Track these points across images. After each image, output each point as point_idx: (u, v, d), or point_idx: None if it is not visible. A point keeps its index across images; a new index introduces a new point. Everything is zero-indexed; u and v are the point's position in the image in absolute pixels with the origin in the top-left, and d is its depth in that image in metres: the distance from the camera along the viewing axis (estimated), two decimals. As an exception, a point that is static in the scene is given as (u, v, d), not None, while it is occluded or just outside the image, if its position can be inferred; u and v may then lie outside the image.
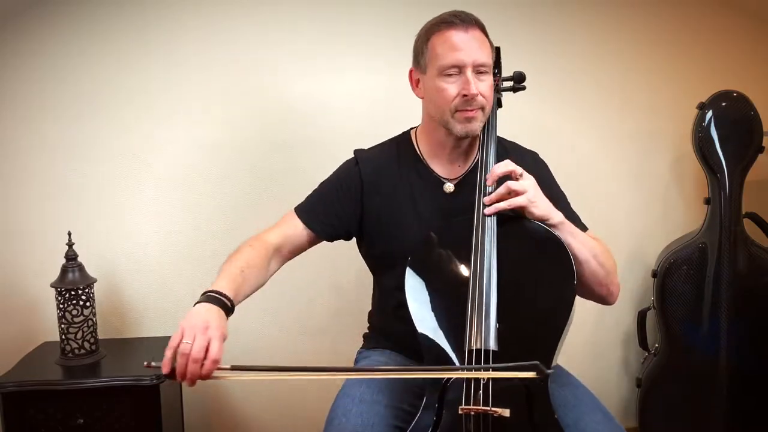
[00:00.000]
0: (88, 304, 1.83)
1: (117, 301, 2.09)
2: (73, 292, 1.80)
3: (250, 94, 2.08)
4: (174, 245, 2.10)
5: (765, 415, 2.11)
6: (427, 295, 1.29)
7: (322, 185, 1.56)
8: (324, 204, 1.51)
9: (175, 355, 1.13)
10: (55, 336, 1.88)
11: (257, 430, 2.23)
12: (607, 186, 2.27)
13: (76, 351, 1.82)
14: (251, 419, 2.22)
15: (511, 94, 1.59)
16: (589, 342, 2.33)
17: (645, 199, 2.31)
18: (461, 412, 1.14)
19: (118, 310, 2.09)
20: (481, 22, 1.43)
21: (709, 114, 2.08)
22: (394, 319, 1.47)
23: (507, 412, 1.13)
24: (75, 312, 1.80)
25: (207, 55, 2.04)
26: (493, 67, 1.58)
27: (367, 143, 1.61)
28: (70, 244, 1.84)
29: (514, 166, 1.32)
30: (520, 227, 1.34)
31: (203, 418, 2.19)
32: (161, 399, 1.77)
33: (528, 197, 1.30)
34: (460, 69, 1.38)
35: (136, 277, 2.09)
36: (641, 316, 2.23)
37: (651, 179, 2.30)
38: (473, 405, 1.14)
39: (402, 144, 1.56)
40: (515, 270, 1.29)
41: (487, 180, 1.34)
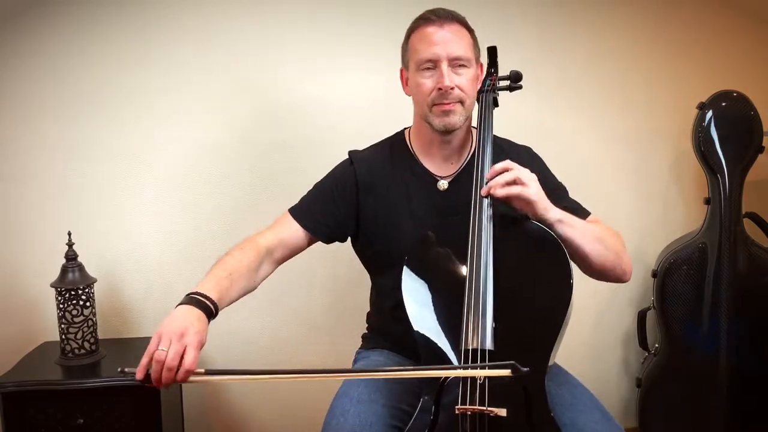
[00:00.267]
0: (88, 304, 1.83)
1: (117, 301, 2.09)
2: (73, 292, 1.80)
3: (250, 94, 2.08)
4: (174, 245, 2.10)
5: (765, 415, 2.11)
6: (423, 295, 1.29)
7: (316, 186, 1.55)
8: (320, 205, 1.51)
9: (150, 361, 1.11)
10: (55, 336, 1.89)
11: (257, 430, 2.23)
12: (607, 186, 2.27)
13: (76, 351, 1.82)
14: (251, 419, 2.23)
15: (507, 93, 1.58)
16: (589, 342, 2.33)
17: (645, 199, 2.31)
18: (458, 411, 1.14)
19: (118, 310, 2.09)
20: (461, 17, 1.43)
21: (709, 114, 2.08)
22: (392, 319, 1.47)
23: (503, 412, 1.13)
24: (75, 312, 1.81)
25: (207, 55, 2.05)
26: (489, 66, 1.58)
27: (367, 143, 1.61)
28: (70, 244, 1.84)
29: (516, 165, 1.31)
30: (517, 227, 1.34)
31: (203, 418, 2.19)
32: (161, 399, 1.77)
33: (535, 192, 1.29)
34: (435, 63, 1.39)
35: (136, 277, 2.09)
36: (641, 316, 2.23)
37: (651, 179, 2.30)
38: (470, 405, 1.14)
39: (396, 144, 1.56)
40: (512, 269, 1.29)
41: (487, 176, 1.33)
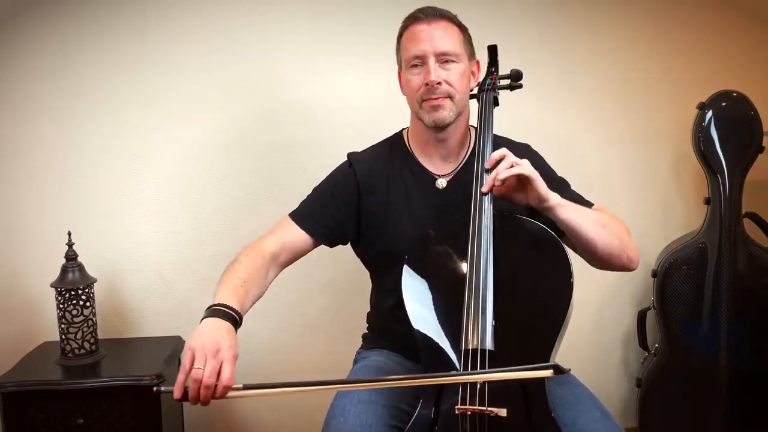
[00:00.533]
0: (88, 304, 1.83)
1: (117, 301, 2.09)
2: (73, 292, 1.80)
3: (251, 94, 2.08)
4: (174, 245, 2.10)
5: (765, 415, 2.11)
6: (423, 294, 1.29)
7: (316, 190, 1.55)
8: (320, 207, 1.51)
9: (187, 378, 1.11)
10: (55, 336, 1.89)
11: (257, 430, 2.23)
12: (607, 186, 2.27)
13: (76, 351, 1.82)
14: (251, 419, 2.22)
15: (509, 92, 1.58)
16: (589, 342, 2.33)
17: (645, 199, 2.30)
18: (458, 412, 1.14)
19: (118, 310, 2.09)
20: (450, 15, 1.44)
21: (709, 114, 2.08)
22: (392, 319, 1.47)
23: (504, 412, 1.12)
24: (75, 312, 1.81)
25: (207, 55, 2.04)
26: (490, 65, 1.58)
27: (366, 143, 1.61)
28: (70, 244, 1.84)
29: (509, 152, 1.31)
30: (517, 225, 1.34)
31: (203, 418, 2.19)
32: (161, 399, 1.77)
33: (533, 169, 1.28)
34: (423, 59, 1.40)
35: (136, 277, 2.09)
36: (641, 316, 2.23)
37: (651, 179, 2.30)
38: (470, 405, 1.14)
39: (395, 144, 1.56)
40: (512, 268, 1.29)
41: (486, 165, 1.33)
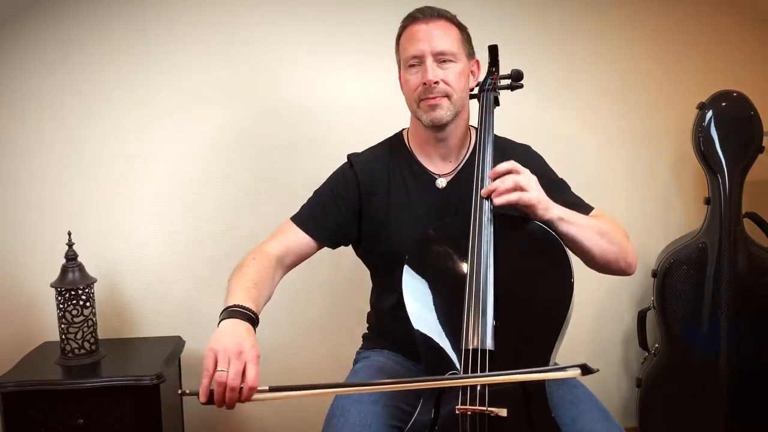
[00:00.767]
0: (88, 304, 1.83)
1: (117, 301, 2.09)
2: (73, 292, 1.80)
3: (250, 94, 2.08)
4: (174, 245, 2.10)
5: (765, 415, 2.11)
6: (424, 294, 1.29)
7: (317, 192, 1.55)
8: (322, 210, 1.51)
9: (211, 382, 1.10)
10: (55, 336, 1.89)
11: (257, 430, 2.23)
12: (607, 186, 2.27)
13: (76, 351, 1.83)
14: (251, 419, 2.22)
15: (509, 92, 1.58)
16: (589, 342, 2.33)
17: (645, 199, 2.30)
18: (458, 412, 1.14)
19: (118, 310, 2.09)
20: (449, 14, 1.44)
21: (709, 114, 2.08)
22: (392, 319, 1.47)
23: (504, 412, 1.12)
24: (75, 312, 1.81)
25: (207, 54, 2.05)
26: (490, 65, 1.59)
27: (366, 143, 1.61)
28: (70, 244, 1.84)
29: (517, 165, 1.31)
30: (518, 226, 1.34)
31: (203, 418, 2.18)
32: (161, 399, 1.77)
33: (536, 196, 1.28)
34: (420, 59, 1.40)
35: (136, 277, 2.09)
36: (641, 316, 2.22)
37: (651, 179, 2.30)
38: (470, 405, 1.14)
39: (395, 144, 1.56)
40: (513, 268, 1.28)
41: (489, 175, 1.32)
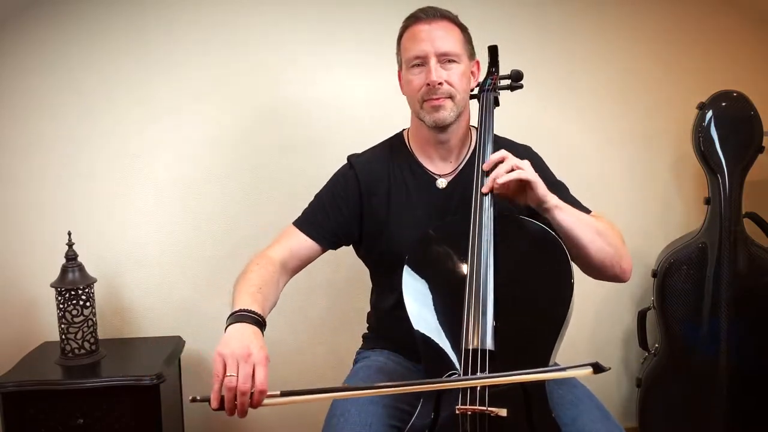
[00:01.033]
0: (88, 304, 1.83)
1: (117, 301, 2.09)
2: (73, 292, 1.80)
3: (251, 94, 2.08)
4: (174, 245, 2.10)
5: (765, 415, 2.11)
6: (424, 294, 1.29)
7: (318, 196, 1.55)
8: (323, 213, 1.50)
9: (222, 387, 1.10)
10: (55, 336, 1.89)
11: (257, 429, 2.23)
12: (607, 186, 2.27)
13: (76, 351, 1.83)
14: (251, 419, 2.18)
15: (509, 93, 1.58)
16: (589, 341, 2.33)
17: (645, 199, 2.30)
18: (458, 412, 1.14)
19: (118, 310, 2.09)
20: (451, 15, 1.44)
21: (709, 114, 2.08)
22: (392, 319, 1.47)
23: (504, 412, 1.12)
24: (75, 312, 1.81)
25: (207, 55, 2.04)
26: (490, 65, 1.59)
27: (367, 144, 1.61)
28: (70, 244, 1.84)
29: (509, 154, 1.31)
30: (518, 226, 1.34)
31: (203, 418, 2.18)
32: (161, 399, 1.77)
33: (534, 174, 1.28)
34: (424, 60, 1.40)
35: (136, 277, 2.09)
36: (641, 316, 2.22)
37: (651, 179, 2.30)
38: (470, 405, 1.14)
39: (395, 144, 1.56)
40: (513, 268, 1.28)
41: (484, 167, 1.33)
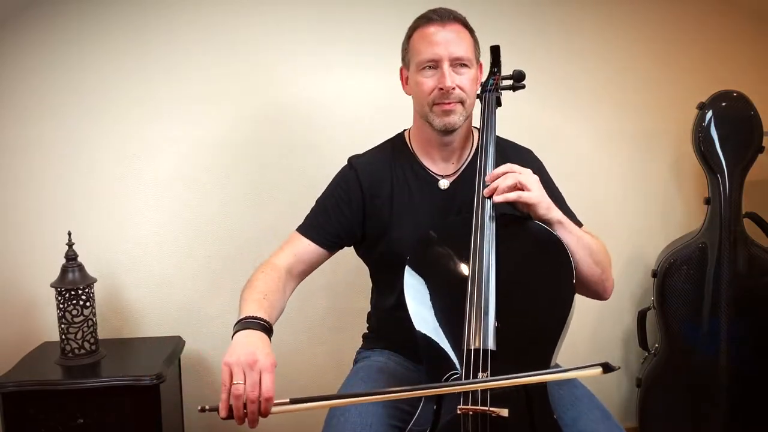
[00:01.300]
0: (88, 304, 1.83)
1: (117, 301, 2.09)
2: (73, 292, 1.80)
3: (251, 94, 2.08)
4: (174, 245, 2.10)
5: (765, 415, 2.11)
6: (425, 294, 1.29)
7: (320, 200, 1.55)
8: (326, 216, 1.50)
9: (230, 396, 1.09)
10: (55, 336, 1.89)
11: (257, 430, 2.22)
12: (607, 186, 2.27)
13: (76, 351, 1.82)
14: (251, 419, 2.22)
15: (510, 93, 1.58)
16: (589, 342, 2.33)
17: (645, 199, 2.31)
18: (459, 412, 1.14)
19: (118, 310, 2.09)
20: (462, 18, 1.44)
21: (709, 114, 2.08)
22: (392, 320, 1.47)
23: (505, 412, 1.12)
24: (75, 312, 1.81)
25: (207, 55, 2.04)
26: (492, 65, 1.58)
27: (367, 144, 1.61)
28: (70, 244, 1.84)
29: (515, 166, 1.32)
30: (520, 227, 1.34)
31: (203, 418, 2.17)
32: (161, 399, 1.77)
33: (536, 195, 1.29)
34: (437, 63, 1.39)
35: (136, 277, 2.09)
36: (641, 316, 2.23)
37: (651, 179, 2.30)
38: (471, 405, 1.14)
39: (396, 145, 1.56)
40: (514, 269, 1.28)
41: (486, 179, 1.33)
